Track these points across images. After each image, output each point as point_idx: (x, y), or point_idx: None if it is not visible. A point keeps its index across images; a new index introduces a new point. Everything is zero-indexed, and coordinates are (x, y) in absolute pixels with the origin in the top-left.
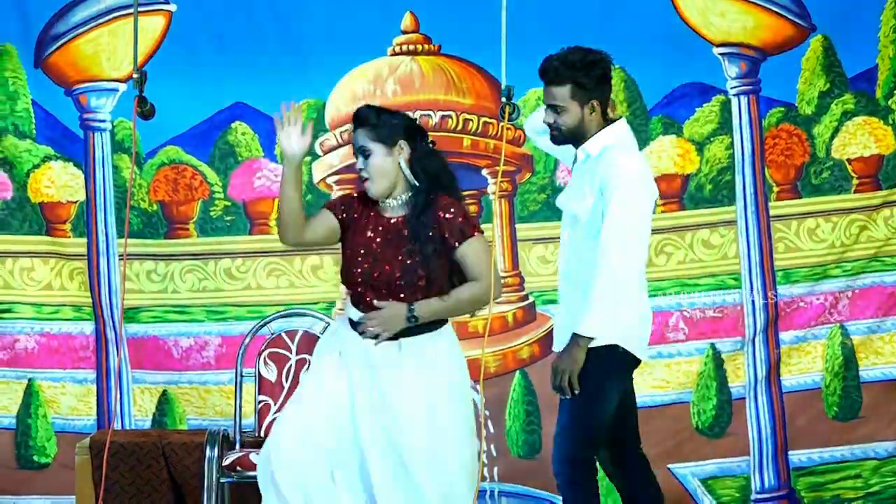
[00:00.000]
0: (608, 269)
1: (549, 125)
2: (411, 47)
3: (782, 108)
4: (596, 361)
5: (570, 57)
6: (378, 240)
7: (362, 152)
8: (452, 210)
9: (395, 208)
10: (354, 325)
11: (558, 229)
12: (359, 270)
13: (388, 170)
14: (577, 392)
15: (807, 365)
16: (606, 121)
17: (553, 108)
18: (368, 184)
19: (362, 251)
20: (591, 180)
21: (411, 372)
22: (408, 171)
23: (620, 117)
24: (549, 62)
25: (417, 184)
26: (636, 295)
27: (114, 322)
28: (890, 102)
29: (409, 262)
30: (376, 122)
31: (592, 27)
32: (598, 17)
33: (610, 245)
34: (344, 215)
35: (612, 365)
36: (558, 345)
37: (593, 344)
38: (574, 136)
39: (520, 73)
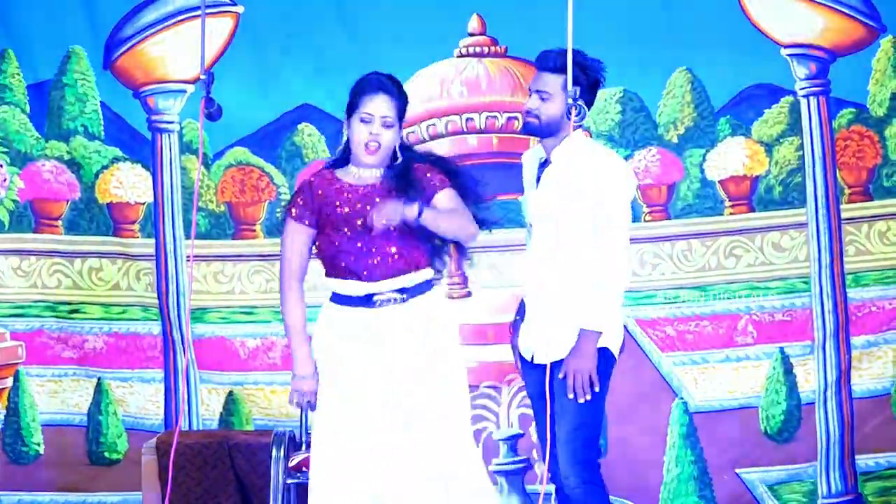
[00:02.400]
0: (618, 267)
1: (529, 111)
2: (478, 49)
3: (853, 110)
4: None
5: (575, 53)
6: (357, 207)
7: (384, 121)
8: (427, 164)
9: (366, 178)
10: (361, 300)
11: None
12: (354, 244)
13: (393, 146)
14: (597, 390)
15: (878, 370)
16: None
17: (540, 94)
18: (377, 151)
19: (345, 229)
20: (573, 182)
21: (420, 330)
22: (398, 151)
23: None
24: (550, 51)
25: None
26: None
27: (180, 323)
28: None
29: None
30: (401, 98)
31: (659, 28)
32: (665, 18)
33: (616, 245)
34: (312, 220)
35: (604, 366)
36: (545, 352)
37: None
38: (548, 129)
39: None
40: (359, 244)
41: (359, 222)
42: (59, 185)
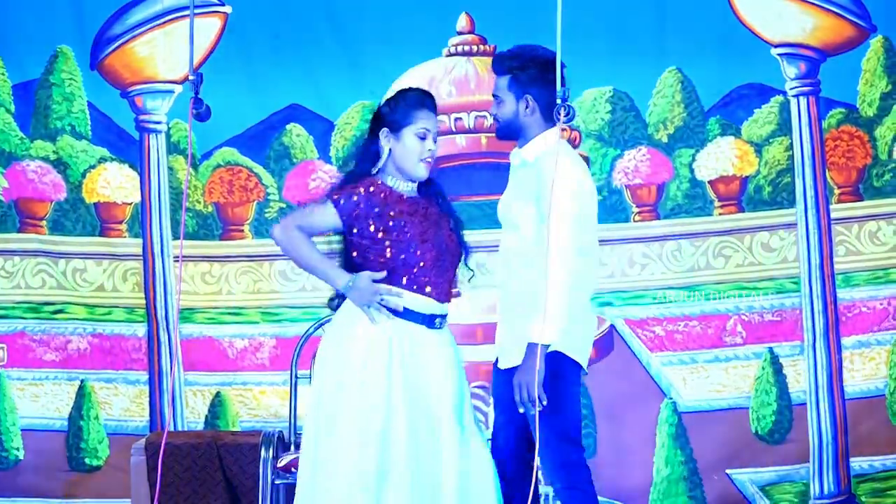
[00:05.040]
0: (556, 277)
1: (493, 117)
2: (466, 48)
3: (843, 110)
4: (547, 370)
5: (515, 50)
6: (423, 220)
7: (435, 136)
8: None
9: (406, 191)
10: (424, 318)
11: (615, 231)
12: (420, 253)
13: None
14: (544, 403)
15: (871, 371)
16: (547, 125)
17: (495, 98)
18: (431, 165)
19: (421, 237)
20: (528, 187)
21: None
22: None
23: (554, 125)
24: (498, 53)
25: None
26: (580, 303)
27: (167, 323)
28: None
29: (456, 234)
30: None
31: (649, 28)
32: (655, 18)
33: (555, 254)
34: (351, 217)
35: (561, 369)
36: (501, 357)
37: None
38: (511, 131)
39: (575, 74)
40: (441, 254)
41: (436, 243)
42: (43, 186)
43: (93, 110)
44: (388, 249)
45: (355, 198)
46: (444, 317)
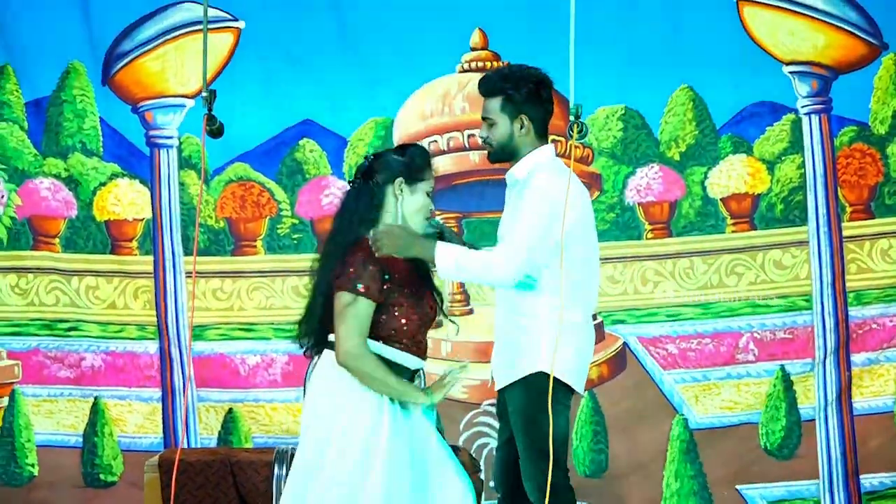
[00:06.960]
0: (496, 264)
1: (484, 139)
2: (480, 64)
3: (855, 128)
4: (531, 392)
5: (505, 71)
6: (413, 286)
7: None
8: None
9: None
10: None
11: (627, 248)
12: (407, 320)
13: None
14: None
15: (879, 388)
16: (540, 142)
17: (486, 121)
18: None
19: (413, 301)
20: (518, 206)
21: None
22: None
23: (549, 142)
24: (486, 75)
25: None
26: (574, 327)
27: (179, 340)
28: None
29: (435, 301)
30: None
31: (661, 46)
32: (668, 36)
33: (507, 250)
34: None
35: (546, 390)
36: (497, 378)
37: (521, 375)
38: (505, 153)
39: (588, 90)
40: (418, 325)
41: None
42: (56, 203)
43: (104, 126)
44: (387, 315)
45: (377, 275)
46: (422, 370)
